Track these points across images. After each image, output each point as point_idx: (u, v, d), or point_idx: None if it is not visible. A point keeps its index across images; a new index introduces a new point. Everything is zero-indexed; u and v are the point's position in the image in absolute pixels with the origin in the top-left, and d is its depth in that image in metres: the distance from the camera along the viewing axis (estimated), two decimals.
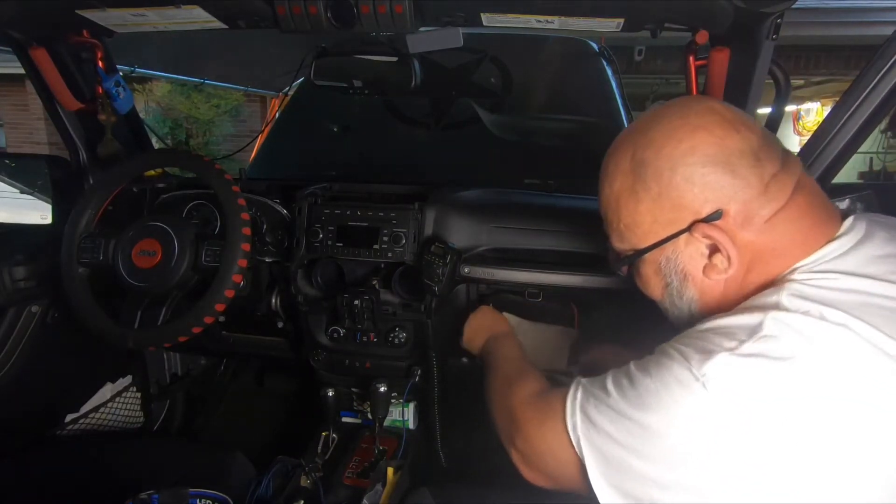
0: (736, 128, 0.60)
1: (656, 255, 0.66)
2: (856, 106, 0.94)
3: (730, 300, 0.63)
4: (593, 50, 1.99)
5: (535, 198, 1.28)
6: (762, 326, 0.54)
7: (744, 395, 0.52)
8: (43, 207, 1.35)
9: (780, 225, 0.60)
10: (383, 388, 1.19)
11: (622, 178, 0.65)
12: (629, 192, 0.64)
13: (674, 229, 0.62)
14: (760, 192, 0.59)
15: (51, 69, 1.16)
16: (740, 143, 0.59)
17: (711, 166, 0.59)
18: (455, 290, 1.20)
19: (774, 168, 0.60)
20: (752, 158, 0.59)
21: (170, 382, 1.63)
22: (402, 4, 0.88)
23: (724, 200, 0.59)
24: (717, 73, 0.95)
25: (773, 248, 0.60)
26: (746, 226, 0.60)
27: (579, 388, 0.64)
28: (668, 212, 0.62)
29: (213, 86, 5.12)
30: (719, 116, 0.61)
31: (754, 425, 0.52)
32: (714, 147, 0.59)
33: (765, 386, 0.52)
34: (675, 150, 0.60)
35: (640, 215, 0.64)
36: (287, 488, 1.12)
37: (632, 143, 0.65)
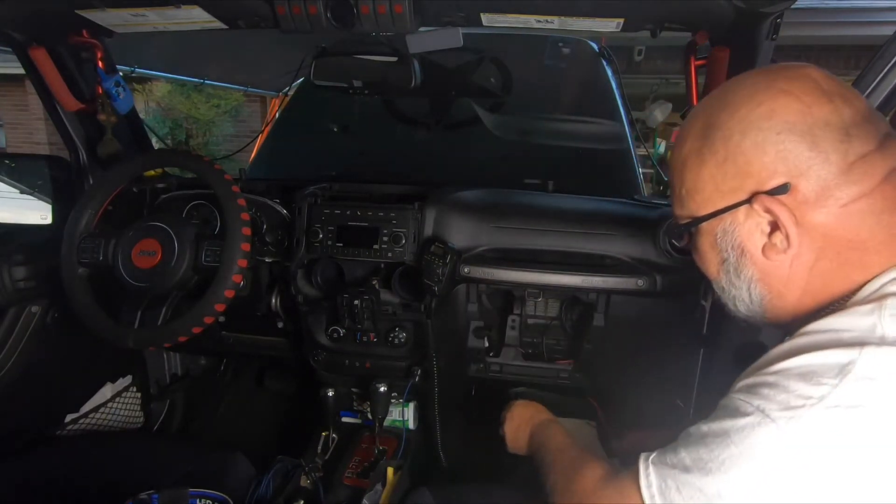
0: (830, 97, 0.53)
1: (713, 226, 0.60)
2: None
3: (797, 288, 0.56)
4: (593, 50, 1.99)
5: (535, 198, 1.28)
6: (855, 365, 0.47)
7: (845, 451, 0.46)
8: (43, 207, 1.35)
9: (859, 213, 0.52)
10: (383, 388, 1.19)
11: (692, 140, 0.60)
12: (696, 154, 0.59)
13: (734, 199, 0.56)
14: (842, 171, 0.52)
15: (51, 69, 1.16)
16: (829, 115, 0.52)
17: (788, 133, 0.53)
18: (455, 290, 1.20)
19: (866, 148, 0.52)
20: (839, 133, 0.52)
21: (170, 382, 1.63)
22: (402, 4, 0.88)
23: (796, 174, 0.53)
24: (717, 73, 0.95)
25: (850, 240, 0.53)
26: (818, 206, 0.53)
27: (650, 468, 0.57)
28: (731, 179, 0.56)
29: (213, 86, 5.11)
30: (812, 84, 0.54)
31: (851, 484, 0.46)
32: (796, 114, 0.53)
33: (865, 440, 0.46)
34: (752, 113, 0.55)
35: (702, 180, 0.59)
36: (287, 488, 1.13)
37: (708, 106, 0.60)
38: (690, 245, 0.66)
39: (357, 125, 1.94)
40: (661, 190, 3.45)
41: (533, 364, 1.30)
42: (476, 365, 1.32)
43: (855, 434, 0.46)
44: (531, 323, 1.30)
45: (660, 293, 1.09)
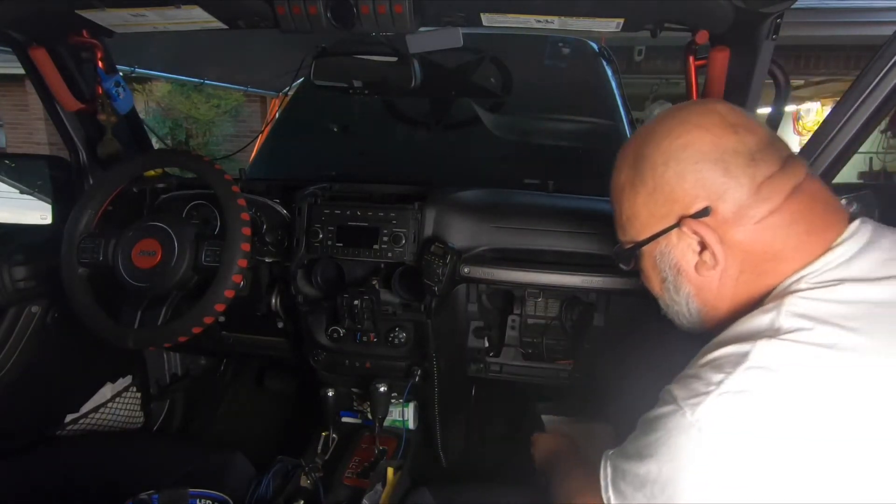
0: (734, 129, 0.61)
1: (652, 249, 0.67)
2: (856, 106, 0.94)
3: (726, 298, 0.63)
4: (593, 50, 1.99)
5: (535, 198, 1.28)
6: (749, 356, 0.54)
7: (736, 435, 0.52)
8: (43, 207, 1.35)
9: (771, 228, 0.59)
10: (383, 388, 1.19)
11: (625, 172, 0.67)
12: (630, 185, 0.66)
13: (666, 224, 0.64)
14: (752, 192, 0.59)
15: (51, 69, 1.16)
16: (736, 144, 0.60)
17: (703, 162, 0.60)
18: (455, 290, 1.20)
19: (771, 170, 0.60)
20: (746, 158, 0.60)
21: (170, 382, 1.63)
22: (402, 4, 0.88)
23: (714, 197, 0.60)
24: (717, 73, 0.95)
25: (765, 251, 0.60)
26: (736, 225, 0.60)
27: (607, 462, 0.65)
28: (661, 205, 0.63)
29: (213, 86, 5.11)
30: (719, 117, 0.62)
31: (750, 466, 0.51)
32: (708, 145, 0.60)
33: (752, 424, 0.52)
34: (671, 146, 0.62)
35: (637, 208, 0.66)
36: (287, 488, 1.13)
37: (637, 140, 0.67)
38: (636, 267, 0.72)
39: (357, 125, 1.94)
40: None
41: (533, 364, 1.30)
42: (476, 365, 1.32)
43: (741, 418, 0.52)
44: (531, 323, 1.30)
45: None
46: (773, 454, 0.51)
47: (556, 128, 1.80)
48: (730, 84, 0.96)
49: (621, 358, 1.25)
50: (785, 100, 1.00)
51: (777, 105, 1.01)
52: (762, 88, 0.96)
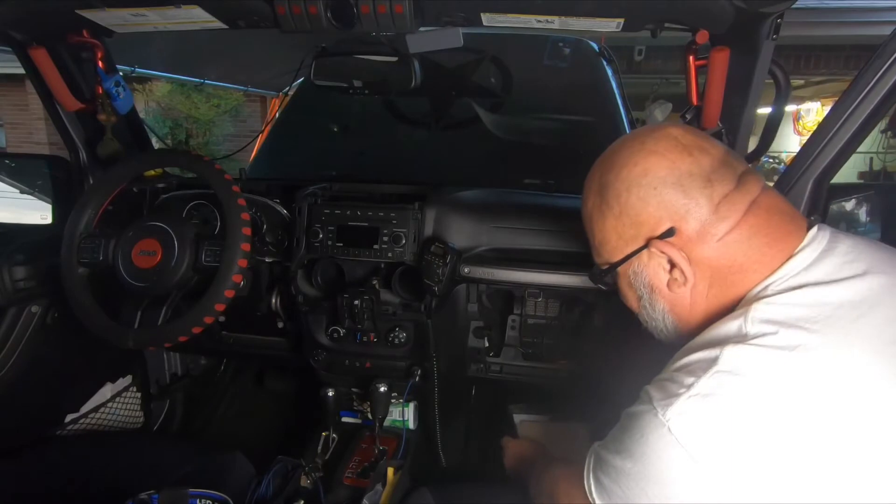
0: (689, 151, 0.64)
1: (626, 269, 0.71)
2: (854, 105, 0.94)
3: (699, 312, 0.67)
4: (593, 50, 1.99)
5: (535, 198, 1.28)
6: (717, 361, 0.56)
7: (704, 436, 0.54)
8: (43, 207, 1.35)
9: (733, 243, 0.63)
10: (383, 388, 1.19)
11: (592, 198, 0.72)
12: (597, 211, 0.71)
13: (635, 245, 0.67)
14: (711, 211, 0.62)
15: (51, 69, 1.16)
16: (691, 166, 0.63)
17: (663, 186, 0.64)
18: (455, 290, 1.20)
19: (727, 189, 0.63)
20: (702, 180, 0.63)
21: (170, 382, 1.63)
22: (402, 4, 0.88)
23: (677, 218, 0.63)
24: (718, 72, 0.95)
25: (730, 265, 0.63)
26: (700, 243, 0.63)
27: (592, 455, 0.67)
28: (629, 229, 0.67)
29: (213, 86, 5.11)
30: (674, 142, 0.65)
31: (717, 465, 0.54)
32: (665, 170, 0.64)
33: (720, 425, 0.54)
34: (631, 173, 0.66)
35: (607, 232, 0.70)
36: (287, 488, 1.12)
37: (599, 168, 0.72)
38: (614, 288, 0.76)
39: (357, 125, 1.94)
40: None
41: (533, 364, 1.30)
42: (476, 365, 1.32)
43: (709, 419, 0.55)
44: (531, 323, 1.30)
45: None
46: (740, 454, 0.53)
47: (557, 128, 1.80)
48: (730, 84, 0.96)
49: (621, 358, 1.25)
50: (785, 100, 1.00)
51: (777, 105, 1.01)
52: (762, 88, 0.96)
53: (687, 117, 1.03)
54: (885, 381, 0.54)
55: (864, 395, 0.54)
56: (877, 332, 0.56)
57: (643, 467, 0.58)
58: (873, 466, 0.53)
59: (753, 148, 1.09)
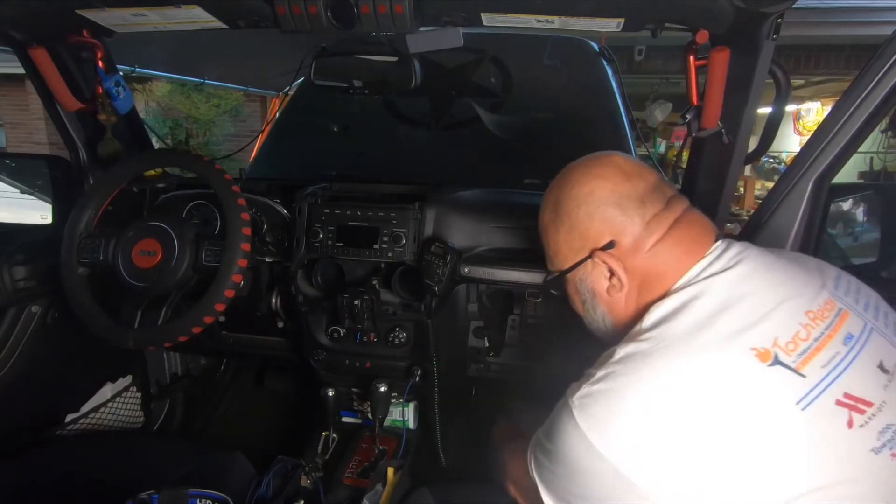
0: (628, 177, 0.75)
1: (573, 277, 0.81)
2: (855, 106, 0.94)
3: (631, 314, 0.76)
4: (593, 50, 1.99)
5: (535, 198, 1.28)
6: (613, 354, 0.67)
7: (597, 419, 0.63)
8: (43, 207, 1.35)
9: (660, 253, 0.73)
10: (383, 388, 1.19)
11: (548, 214, 0.82)
12: (552, 225, 0.81)
13: (581, 256, 0.77)
14: (643, 227, 0.73)
15: (51, 69, 1.16)
16: (629, 189, 0.74)
17: (605, 206, 0.74)
18: (455, 290, 1.20)
19: (657, 209, 0.74)
20: (637, 202, 0.74)
21: (170, 382, 1.63)
22: (402, 4, 0.88)
23: (616, 233, 0.74)
24: (718, 72, 0.95)
25: (655, 272, 0.73)
26: (634, 254, 0.73)
27: (534, 437, 0.76)
28: (576, 241, 0.77)
29: (213, 86, 5.11)
30: (617, 168, 0.76)
31: (611, 448, 0.62)
32: (608, 192, 0.75)
33: (609, 410, 0.63)
34: (580, 192, 0.76)
35: (559, 244, 0.80)
36: (287, 488, 1.13)
37: (555, 187, 0.82)
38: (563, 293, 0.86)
39: (357, 125, 1.94)
40: None
41: (533, 364, 1.30)
42: (476, 365, 1.32)
43: (598, 403, 0.64)
44: (531, 323, 1.30)
45: None
46: (625, 437, 0.62)
47: (557, 127, 1.80)
48: (730, 84, 0.96)
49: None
50: (785, 99, 1.00)
51: (777, 105, 1.01)
52: (762, 88, 0.96)
53: (687, 117, 1.03)
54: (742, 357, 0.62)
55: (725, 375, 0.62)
56: (742, 315, 0.65)
57: (555, 447, 0.68)
58: (734, 452, 0.59)
59: (753, 148, 1.09)
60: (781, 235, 1.07)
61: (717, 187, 1.07)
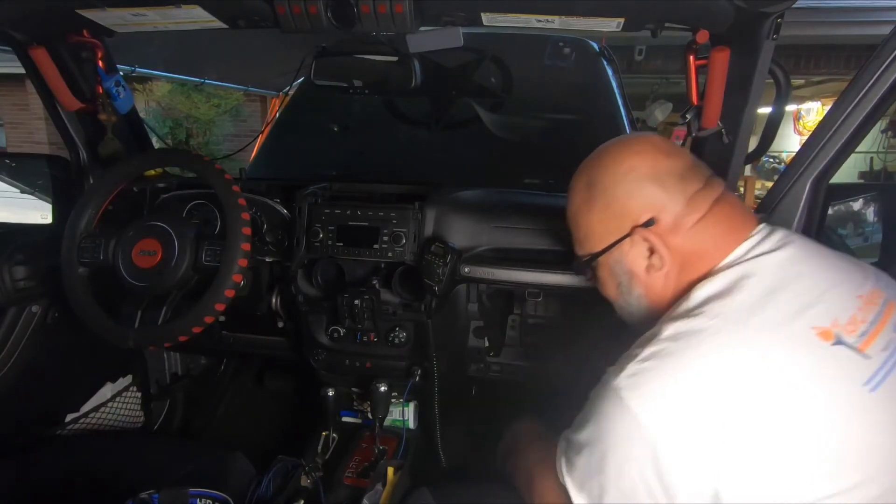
0: (667, 154, 0.75)
1: (608, 259, 0.78)
2: (853, 106, 0.94)
3: (669, 294, 0.74)
4: (593, 50, 1.99)
5: (535, 198, 1.28)
6: (660, 332, 0.66)
7: (648, 397, 0.62)
8: (43, 207, 1.35)
9: (702, 231, 0.72)
10: (383, 388, 1.19)
11: (580, 195, 0.80)
12: (584, 206, 0.79)
13: (619, 234, 0.75)
14: (685, 204, 0.72)
15: (51, 69, 1.16)
16: (669, 166, 0.73)
17: (646, 182, 0.73)
18: (455, 289, 1.20)
19: (697, 186, 0.73)
20: (678, 178, 0.73)
21: (170, 382, 1.63)
22: (402, 4, 0.88)
23: (657, 210, 0.72)
24: (718, 72, 0.95)
25: (697, 251, 0.72)
26: (675, 231, 0.72)
27: (562, 439, 0.74)
28: (614, 220, 0.75)
29: (213, 86, 5.11)
30: (654, 145, 0.76)
31: (662, 426, 0.61)
32: (647, 167, 0.73)
33: (660, 387, 0.63)
34: (618, 170, 0.75)
35: (593, 225, 0.78)
36: (287, 488, 1.12)
37: (587, 168, 0.80)
38: (593, 278, 0.84)
39: (357, 125, 1.94)
40: None
41: (533, 364, 1.30)
42: (476, 365, 1.32)
43: (648, 381, 0.63)
44: (531, 323, 1.30)
45: None
46: (676, 414, 0.60)
47: (557, 127, 1.80)
48: (730, 84, 0.96)
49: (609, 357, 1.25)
50: (785, 99, 1.00)
51: (778, 105, 1.01)
52: (762, 88, 0.96)
53: (687, 117, 1.03)
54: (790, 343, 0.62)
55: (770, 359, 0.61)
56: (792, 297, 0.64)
57: (594, 437, 0.66)
58: (786, 433, 0.59)
59: (753, 148, 1.09)
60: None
61: None
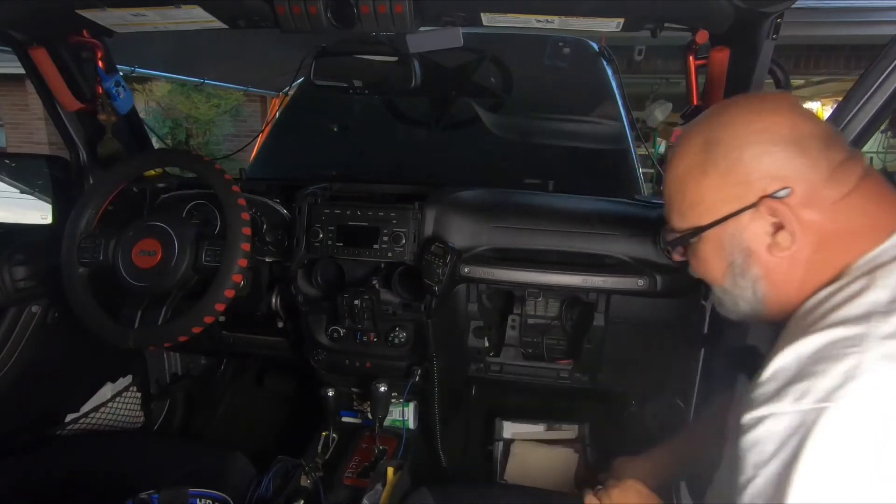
0: (807, 117, 0.62)
1: (718, 233, 0.65)
2: (859, 106, 0.94)
3: (795, 280, 0.62)
4: (593, 50, 1.99)
5: (535, 198, 1.28)
6: (868, 337, 0.52)
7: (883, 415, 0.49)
8: (43, 207, 1.35)
9: (846, 210, 0.60)
10: (383, 388, 1.19)
11: (692, 157, 0.66)
12: (698, 169, 0.65)
13: (739, 205, 0.62)
14: (828, 174, 0.60)
15: (51, 69, 1.16)
16: (812, 128, 0.61)
17: (782, 145, 0.60)
18: (455, 290, 1.20)
19: (842, 155, 0.61)
20: (822, 142, 0.60)
21: (170, 382, 1.63)
22: (402, 4, 0.88)
23: (792, 179, 0.60)
24: (718, 72, 0.95)
25: (838, 232, 0.60)
26: (812, 206, 0.60)
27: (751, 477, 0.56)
28: (734, 187, 0.62)
29: (213, 86, 5.11)
30: (793, 107, 0.63)
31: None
32: (786, 128, 0.61)
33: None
34: (748, 129, 0.62)
35: (703, 192, 0.65)
36: (287, 488, 1.12)
37: (705, 126, 0.66)
38: (687, 255, 0.72)
39: (357, 125, 1.94)
40: (662, 189, 3.45)
41: (533, 364, 1.30)
42: (476, 365, 1.32)
43: (885, 395, 0.49)
44: (531, 323, 1.30)
45: (660, 293, 1.09)
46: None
47: (556, 128, 1.80)
48: (730, 84, 0.96)
49: (621, 358, 1.25)
50: None
51: None
52: (762, 88, 0.96)
53: (687, 117, 1.03)
54: None
55: None
56: None
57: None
58: None
59: None
60: None
61: None
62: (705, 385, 1.23)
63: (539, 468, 1.27)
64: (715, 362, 1.23)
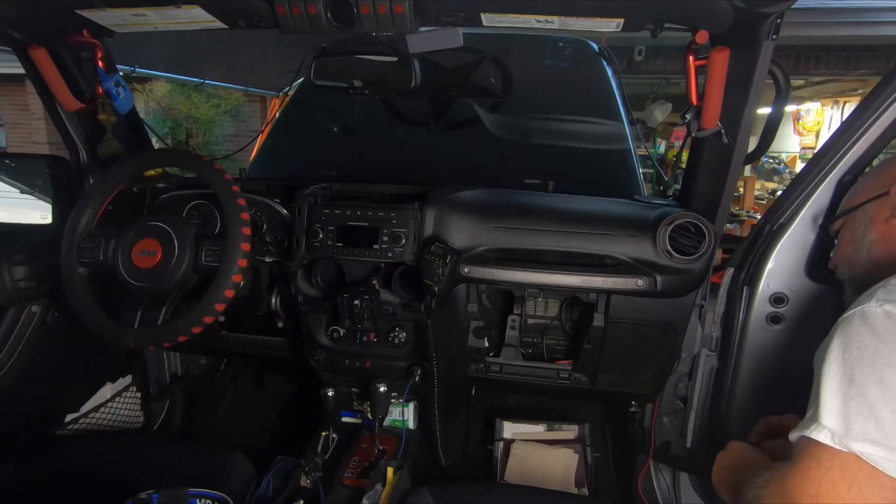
0: None
1: (861, 213, 0.86)
2: (888, 103, 0.94)
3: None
4: (593, 50, 1.99)
5: (534, 198, 1.28)
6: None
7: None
8: (43, 207, 1.35)
9: None
10: (383, 388, 1.19)
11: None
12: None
13: (877, 192, 0.84)
14: None
15: (51, 69, 1.16)
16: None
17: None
18: (455, 290, 1.20)
19: None
20: None
21: (170, 382, 1.63)
22: (402, 4, 0.88)
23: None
24: (717, 73, 0.95)
25: None
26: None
27: (818, 424, 0.61)
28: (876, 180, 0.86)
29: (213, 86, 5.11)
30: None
31: None
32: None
33: None
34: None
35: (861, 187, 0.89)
36: (287, 488, 1.13)
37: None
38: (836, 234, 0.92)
39: (357, 125, 1.94)
40: (661, 190, 3.45)
41: (533, 364, 1.30)
42: (476, 365, 1.32)
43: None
44: (531, 323, 1.30)
45: (660, 293, 1.09)
46: None
47: (556, 128, 1.80)
48: (730, 84, 0.96)
49: (621, 358, 1.25)
50: (785, 100, 1.00)
51: (777, 105, 1.01)
52: (762, 88, 0.96)
53: (687, 117, 1.03)
54: None
55: None
56: None
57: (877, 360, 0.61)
58: None
59: (753, 148, 1.09)
60: (805, 239, 1.08)
61: (716, 187, 1.07)
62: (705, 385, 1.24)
63: (539, 468, 1.27)
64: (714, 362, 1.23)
